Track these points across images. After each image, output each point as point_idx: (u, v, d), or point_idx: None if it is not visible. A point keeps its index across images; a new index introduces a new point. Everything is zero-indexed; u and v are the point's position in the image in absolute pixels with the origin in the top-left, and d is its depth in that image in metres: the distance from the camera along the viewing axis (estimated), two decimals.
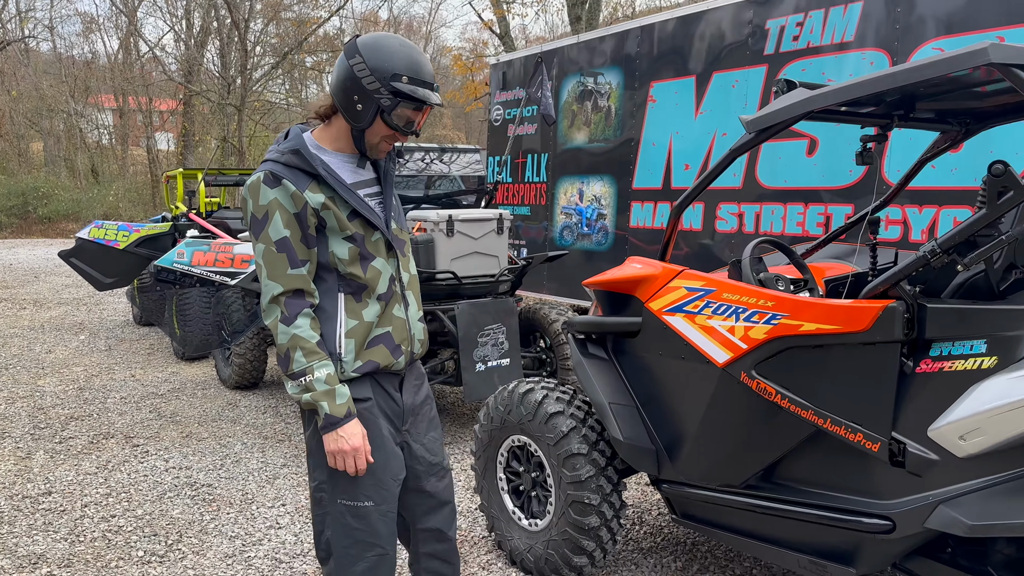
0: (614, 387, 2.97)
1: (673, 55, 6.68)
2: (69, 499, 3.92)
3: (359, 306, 2.06)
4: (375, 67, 1.92)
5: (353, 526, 2.06)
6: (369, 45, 1.96)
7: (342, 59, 1.99)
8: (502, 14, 16.22)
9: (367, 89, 1.93)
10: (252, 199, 1.98)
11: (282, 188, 1.95)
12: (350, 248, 2.02)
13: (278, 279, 1.96)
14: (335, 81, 2.00)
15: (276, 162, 1.98)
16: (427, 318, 4.95)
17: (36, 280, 12.71)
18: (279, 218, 1.94)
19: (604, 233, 7.37)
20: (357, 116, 1.98)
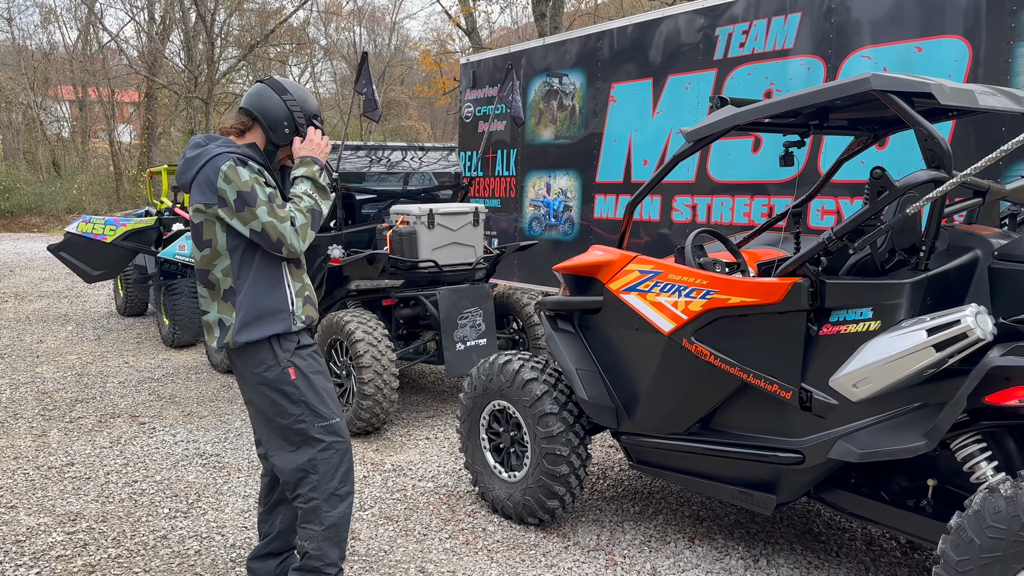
0: (580, 356, 3.50)
1: (632, 58, 7.22)
2: (91, 468, 4.35)
3: (299, 272, 2.71)
4: (304, 107, 2.72)
5: (332, 439, 2.67)
6: (295, 90, 2.72)
7: (271, 93, 2.68)
8: (469, 11, 16.63)
9: (296, 120, 2.69)
10: (235, 182, 2.48)
11: (250, 167, 2.53)
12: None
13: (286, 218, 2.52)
14: (266, 108, 2.66)
15: (234, 153, 2.54)
16: (411, 303, 5.45)
17: (12, 274, 12.89)
18: (259, 187, 2.51)
19: (570, 224, 7.91)
20: (283, 137, 2.69)
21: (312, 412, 2.63)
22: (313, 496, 2.65)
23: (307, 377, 2.64)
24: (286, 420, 2.63)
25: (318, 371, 2.70)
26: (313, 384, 2.65)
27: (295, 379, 2.61)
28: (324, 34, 36.44)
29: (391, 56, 37.60)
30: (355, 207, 5.79)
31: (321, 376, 2.70)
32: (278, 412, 2.63)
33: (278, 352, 2.61)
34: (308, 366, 2.66)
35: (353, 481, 2.76)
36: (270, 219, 2.49)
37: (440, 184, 6.19)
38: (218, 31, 27.44)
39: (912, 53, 5.25)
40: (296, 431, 2.63)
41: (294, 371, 2.62)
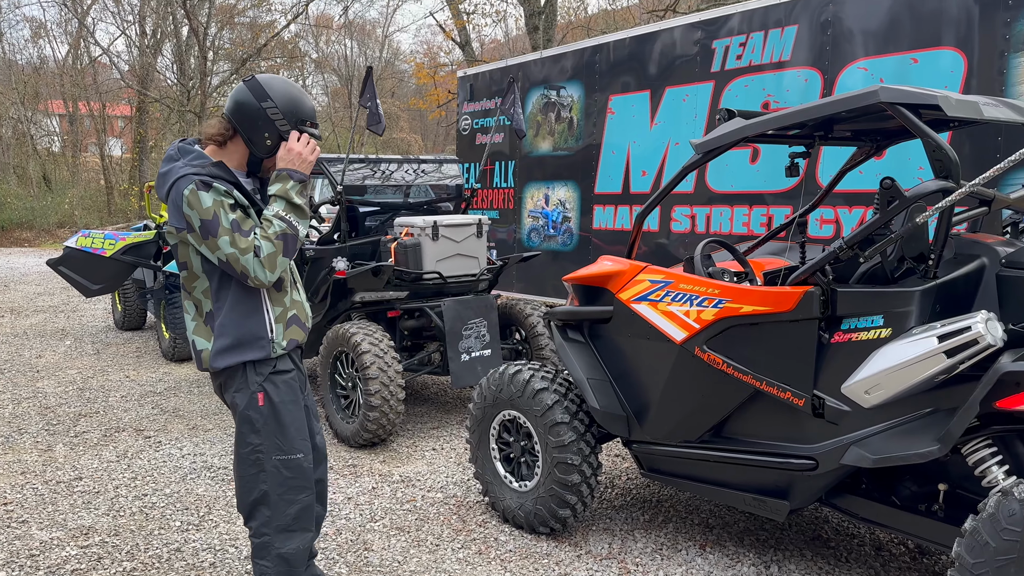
0: (590, 365, 3.53)
1: (630, 71, 7.30)
2: (100, 482, 4.35)
3: (280, 295, 2.53)
4: (286, 112, 2.43)
5: (287, 476, 2.51)
6: (277, 92, 2.43)
7: (252, 101, 2.41)
8: (462, 24, 16.74)
9: (280, 130, 2.44)
10: (196, 208, 2.31)
11: (214, 190, 2.33)
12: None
13: (249, 248, 2.33)
14: (244, 116, 2.43)
15: (200, 174, 2.35)
16: (415, 314, 5.48)
17: (7, 289, 12.84)
18: (223, 211, 2.32)
19: (569, 235, 7.96)
20: (265, 148, 2.47)
21: (272, 444, 2.48)
22: (264, 531, 2.52)
23: (275, 406, 2.49)
24: (244, 448, 2.49)
25: (290, 401, 2.53)
26: (279, 414, 2.49)
27: (262, 405, 2.47)
28: (315, 47, 36.54)
29: (382, 69, 37.72)
30: (359, 219, 5.82)
31: (292, 406, 2.53)
32: (240, 437, 2.50)
33: (250, 375, 2.47)
34: (279, 393, 2.50)
35: (311, 520, 2.61)
36: (232, 250, 2.32)
37: (443, 196, 6.24)
38: (210, 44, 27.50)
39: (908, 64, 5.34)
40: (251, 460, 2.49)
41: (263, 397, 2.47)
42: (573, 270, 7.85)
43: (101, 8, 31.53)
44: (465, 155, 9.31)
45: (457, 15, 16.74)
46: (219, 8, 28.50)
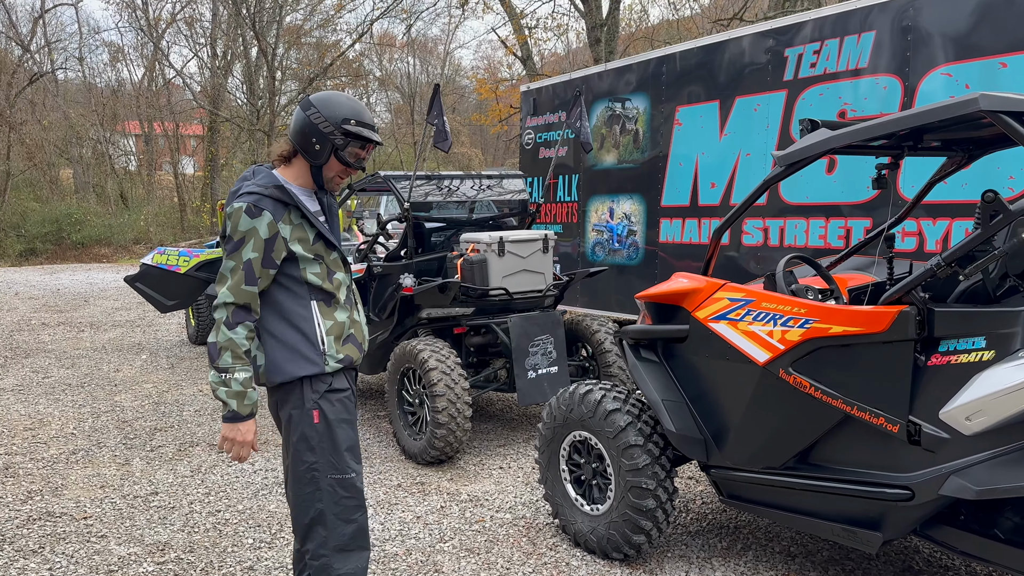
0: (665, 386, 3.42)
1: (698, 81, 7.16)
2: (175, 497, 4.41)
3: (330, 310, 2.54)
4: (328, 115, 2.46)
5: (343, 495, 2.51)
6: (321, 99, 2.50)
7: (299, 112, 2.49)
8: (524, 39, 16.78)
9: (323, 132, 2.46)
10: (233, 223, 2.40)
11: (260, 219, 2.38)
12: (320, 265, 2.51)
13: (233, 291, 2.38)
14: (295, 129, 2.49)
15: (259, 195, 2.41)
16: (482, 331, 5.43)
17: (87, 304, 13.32)
18: (252, 244, 2.37)
19: (634, 249, 7.83)
20: (316, 155, 2.49)
21: (327, 462, 2.49)
22: (322, 553, 2.51)
23: (329, 424, 2.49)
24: (300, 467, 2.50)
25: (344, 419, 2.54)
26: (334, 433, 2.50)
27: (317, 423, 2.48)
28: (379, 65, 37.23)
29: (443, 85, 38.14)
30: (425, 236, 5.83)
31: (346, 426, 2.54)
32: (296, 455, 2.51)
33: (306, 392, 2.48)
34: (334, 412, 2.51)
35: (368, 540, 2.60)
36: (227, 274, 2.40)
37: (508, 211, 6.20)
38: (278, 64, 28.26)
39: (996, 69, 5.08)
40: (308, 479, 2.50)
41: (318, 415, 2.49)
42: (639, 284, 7.75)
43: (175, 32, 32.69)
44: (528, 169, 9.28)
45: (519, 30, 16.79)
46: (287, 29, 29.30)
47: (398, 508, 4.26)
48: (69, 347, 9.33)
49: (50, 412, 6.28)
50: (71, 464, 4.99)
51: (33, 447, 5.32)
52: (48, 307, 12.86)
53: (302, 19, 29.86)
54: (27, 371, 7.89)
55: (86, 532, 3.90)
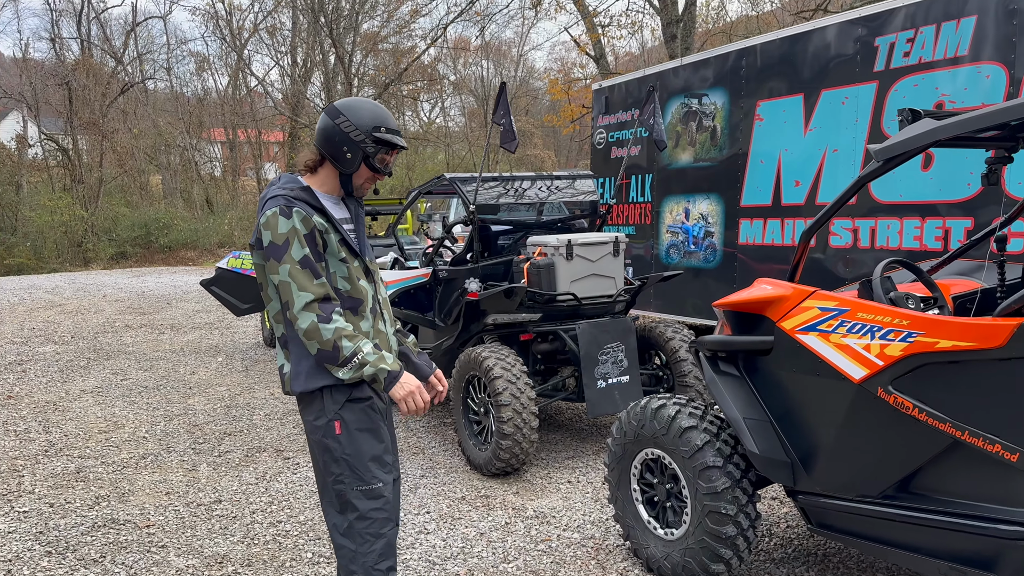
0: (747, 402, 3.14)
1: (780, 74, 6.78)
2: (237, 506, 4.36)
3: (356, 319, 2.45)
4: (358, 123, 2.43)
5: (370, 507, 2.42)
6: (349, 107, 2.46)
7: (327, 120, 2.45)
8: (597, 38, 16.49)
9: (354, 140, 2.43)
10: (271, 230, 2.32)
11: (295, 214, 2.33)
12: (347, 267, 2.44)
13: (308, 288, 2.30)
14: (324, 138, 2.45)
15: (287, 196, 2.36)
16: (549, 337, 5.22)
17: (169, 306, 13.70)
18: (297, 241, 2.32)
19: (712, 251, 7.48)
20: (347, 163, 2.46)
21: (352, 473, 2.41)
22: (353, 569, 2.43)
23: (351, 434, 2.41)
24: (328, 477, 2.45)
25: (367, 428, 2.44)
26: (356, 442, 2.42)
27: (339, 434, 2.40)
28: (453, 70, 37.46)
29: (516, 87, 38.12)
30: (491, 239, 5.65)
31: (369, 435, 2.44)
32: (324, 467, 2.45)
33: (327, 402, 2.41)
34: (356, 421, 2.42)
35: (395, 556, 2.50)
36: (288, 279, 2.31)
37: (577, 213, 5.97)
38: (355, 71, 28.72)
39: None
40: (336, 491, 2.44)
41: (339, 425, 2.41)
42: (716, 288, 7.40)
43: (257, 41, 33.68)
44: (600, 170, 9.02)
45: (592, 28, 16.50)
46: (364, 36, 29.77)
47: (461, 523, 4.09)
48: (149, 349, 9.55)
49: (125, 415, 6.38)
50: (140, 469, 5.01)
51: (105, 451, 5.38)
52: (132, 309, 13.28)
53: (379, 26, 30.31)
54: (107, 373, 8.09)
55: (147, 541, 3.86)
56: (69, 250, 26.35)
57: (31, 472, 4.92)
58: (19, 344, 9.75)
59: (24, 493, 4.54)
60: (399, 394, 2.36)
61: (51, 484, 4.69)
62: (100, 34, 34.03)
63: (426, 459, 5.17)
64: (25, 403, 6.76)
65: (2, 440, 5.63)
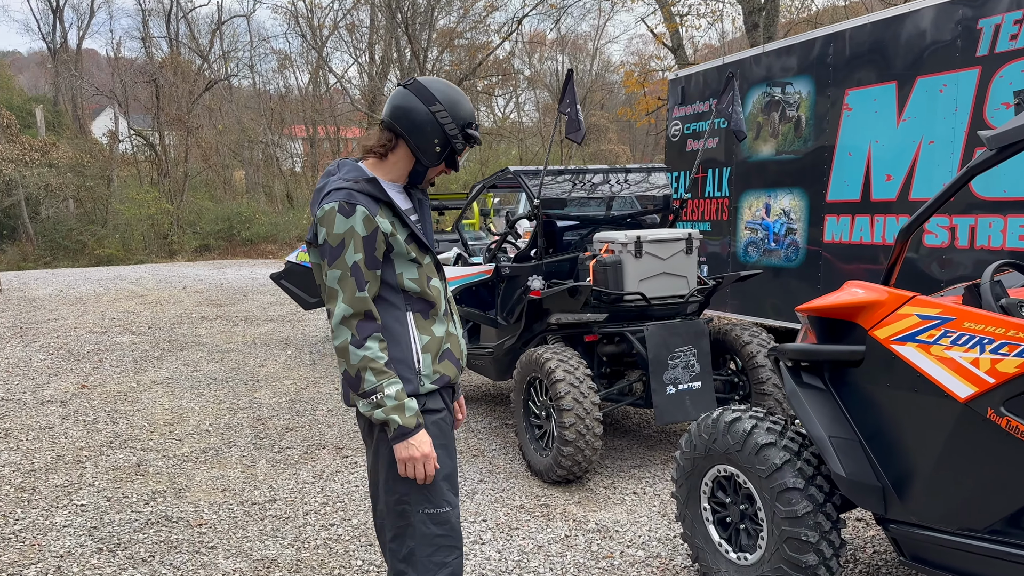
0: (833, 419, 2.82)
1: (870, 61, 6.32)
2: (292, 507, 4.26)
3: (428, 323, 2.23)
4: (455, 115, 2.19)
5: (436, 533, 2.19)
6: (446, 95, 2.20)
7: (416, 104, 2.17)
8: (675, 28, 16.00)
9: (448, 135, 2.19)
10: (327, 227, 2.09)
11: (356, 214, 2.07)
12: (418, 269, 2.21)
13: (349, 302, 2.07)
14: (410, 123, 2.18)
15: (350, 191, 2.11)
16: (615, 339, 4.96)
17: (245, 298, 13.95)
18: (352, 245, 2.07)
19: (794, 249, 7.06)
20: (434, 157, 2.22)
21: (419, 494, 2.18)
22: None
23: None
24: (391, 496, 2.21)
25: (440, 445, 2.22)
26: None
27: None
28: (528, 65, 37.28)
29: (591, 82, 37.68)
30: (556, 235, 5.41)
31: (442, 452, 2.22)
32: (387, 485, 2.22)
33: None
34: (430, 435, 2.19)
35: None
36: (335, 287, 2.08)
37: (648, 208, 5.67)
38: (430, 67, 28.84)
39: None
40: (398, 512, 2.21)
41: None
42: (798, 288, 6.97)
43: (336, 39, 34.23)
44: (674, 163, 8.66)
45: (669, 18, 16.02)
46: (440, 32, 29.88)
47: (518, 534, 3.89)
48: (222, 341, 9.68)
49: (191, 407, 6.41)
50: (199, 464, 4.98)
51: (168, 444, 5.39)
52: (210, 301, 13.56)
53: (455, 22, 30.37)
54: (179, 364, 8.21)
55: (198, 542, 3.79)
56: (155, 242, 27.33)
57: (93, 464, 4.95)
58: (99, 334, 10.04)
59: (84, 486, 4.55)
60: (401, 454, 2.11)
61: (111, 477, 4.70)
62: (188, 33, 35.23)
63: (485, 462, 4.98)
64: (98, 393, 6.89)
65: (72, 429, 5.72)
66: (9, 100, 30.82)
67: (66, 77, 33.33)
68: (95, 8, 46.12)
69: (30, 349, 9.00)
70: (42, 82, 39.27)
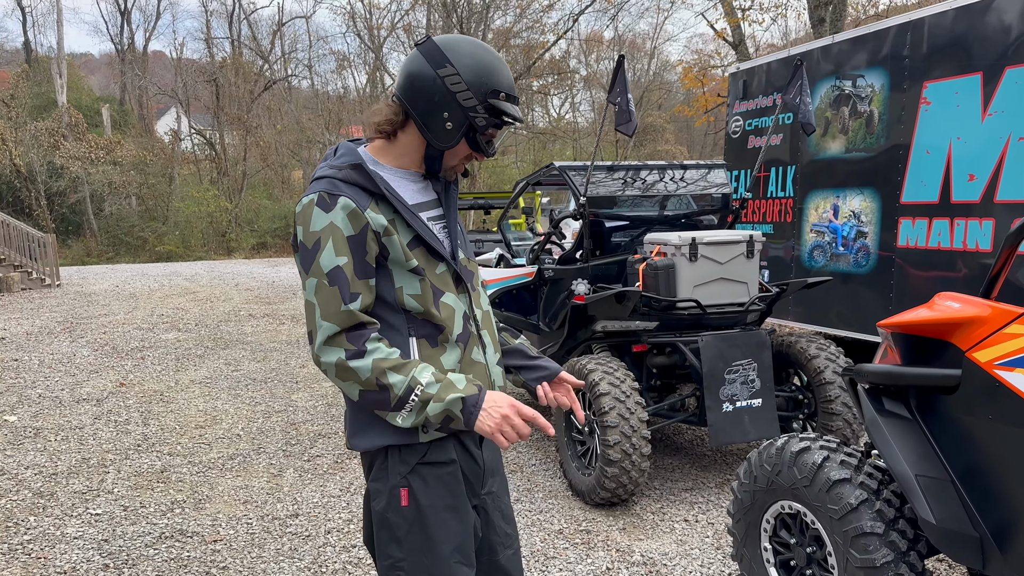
0: (921, 454, 2.40)
1: (952, 51, 5.78)
2: (314, 523, 3.98)
3: (436, 351, 1.76)
4: (472, 81, 1.69)
5: None
6: (462, 55, 1.70)
7: (425, 67, 1.70)
8: (736, 23, 15.41)
9: (463, 106, 1.70)
10: (303, 225, 1.67)
11: (339, 208, 1.65)
12: (421, 282, 1.73)
13: (332, 318, 1.64)
14: (415, 90, 1.71)
15: (332, 179, 1.69)
16: (666, 350, 4.56)
17: (293, 297, 13.89)
18: (331, 245, 1.65)
19: (865, 253, 6.54)
20: (445, 136, 1.73)
21: (417, 562, 1.73)
22: None
23: (421, 510, 1.74)
24: (384, 561, 1.76)
25: (443, 506, 1.76)
26: (427, 523, 1.74)
27: (405, 506, 1.74)
28: (584, 64, 36.85)
29: (649, 81, 37.03)
30: (604, 236, 5.03)
31: (446, 513, 1.76)
32: (379, 545, 1.78)
33: (391, 464, 1.75)
34: (430, 494, 1.75)
35: None
36: (313, 300, 1.66)
37: (706, 208, 5.25)
38: None
39: None
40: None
41: (407, 495, 1.74)
42: (868, 296, 6.44)
43: (394, 40, 34.35)
44: (735, 161, 8.19)
45: (731, 13, 15.44)
46: (496, 32, 29.67)
47: (555, 564, 3.53)
48: (266, 339, 9.56)
49: (225, 409, 6.23)
50: (224, 471, 4.76)
51: (196, 448, 5.19)
52: (259, 299, 13.54)
53: (512, 21, 30.13)
54: (221, 363, 8.08)
55: (209, 560, 3.54)
56: (214, 239, 27.77)
57: (117, 468, 4.77)
58: (145, 330, 10.02)
59: (103, 492, 4.36)
60: (488, 426, 1.65)
61: (132, 484, 4.51)
62: (249, 34, 35.80)
63: (524, 479, 4.64)
64: (135, 392, 6.77)
65: (102, 431, 5.58)
66: (78, 100, 31.72)
67: (132, 77, 34.20)
68: (161, 10, 47.36)
69: (76, 345, 9.01)
70: (111, 83, 40.42)
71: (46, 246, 15.78)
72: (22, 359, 8.19)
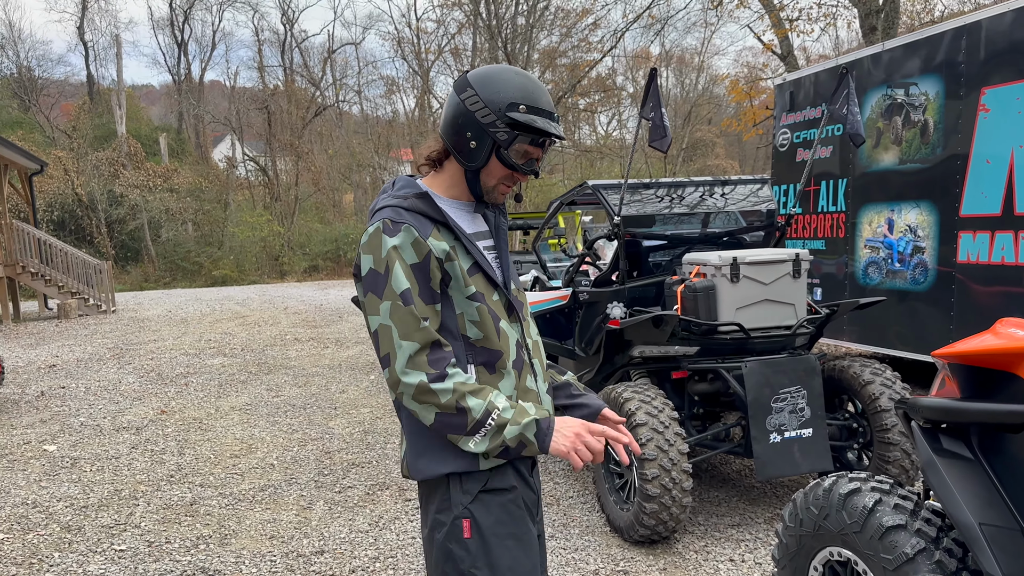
0: (985, 500, 2.14)
1: (1011, 55, 5.45)
2: (339, 561, 3.85)
3: (494, 378, 1.76)
4: (488, 98, 1.72)
5: None
6: (481, 77, 1.76)
7: (453, 96, 1.78)
8: (784, 33, 15.05)
9: (481, 123, 1.72)
10: (372, 253, 1.68)
11: (403, 234, 1.68)
12: (479, 308, 1.75)
13: (411, 336, 1.64)
14: (446, 120, 1.78)
15: (396, 207, 1.72)
16: (708, 376, 4.32)
17: (340, 320, 13.94)
18: (399, 269, 1.66)
19: (922, 270, 6.19)
20: (471, 155, 1.76)
21: None
22: None
23: (485, 540, 1.70)
24: None
25: (509, 534, 1.73)
26: (491, 553, 1.70)
27: (468, 538, 1.70)
28: (631, 80, 36.64)
29: (697, 96, 36.62)
30: (641, 256, 4.83)
31: (511, 541, 1.72)
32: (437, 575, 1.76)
33: (454, 494, 1.72)
34: (494, 523, 1.72)
35: None
36: (389, 322, 1.64)
37: (748, 225, 5.00)
38: None
39: None
40: None
41: (469, 525, 1.71)
42: (927, 314, 6.08)
43: (441, 64, 34.70)
44: (783, 175, 7.90)
45: (778, 24, 15.09)
46: (542, 52, 29.73)
47: None
48: (309, 364, 9.55)
49: (262, 437, 6.17)
50: (254, 504, 4.67)
51: (228, 479, 5.12)
52: (306, 322, 13.62)
53: (558, 40, 30.16)
54: (262, 388, 8.06)
55: None
56: (267, 263, 28.27)
57: (147, 501, 4.72)
58: (192, 356, 10.12)
59: (131, 527, 4.30)
60: (564, 446, 1.66)
61: (160, 517, 4.44)
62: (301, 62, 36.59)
63: (560, 512, 4.44)
64: (175, 419, 6.77)
65: (137, 461, 5.56)
66: (137, 130, 32.78)
67: (188, 106, 35.21)
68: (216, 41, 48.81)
69: (123, 371, 9.12)
70: (169, 112, 41.72)
71: (102, 273, 16.19)
72: (69, 386, 8.31)
